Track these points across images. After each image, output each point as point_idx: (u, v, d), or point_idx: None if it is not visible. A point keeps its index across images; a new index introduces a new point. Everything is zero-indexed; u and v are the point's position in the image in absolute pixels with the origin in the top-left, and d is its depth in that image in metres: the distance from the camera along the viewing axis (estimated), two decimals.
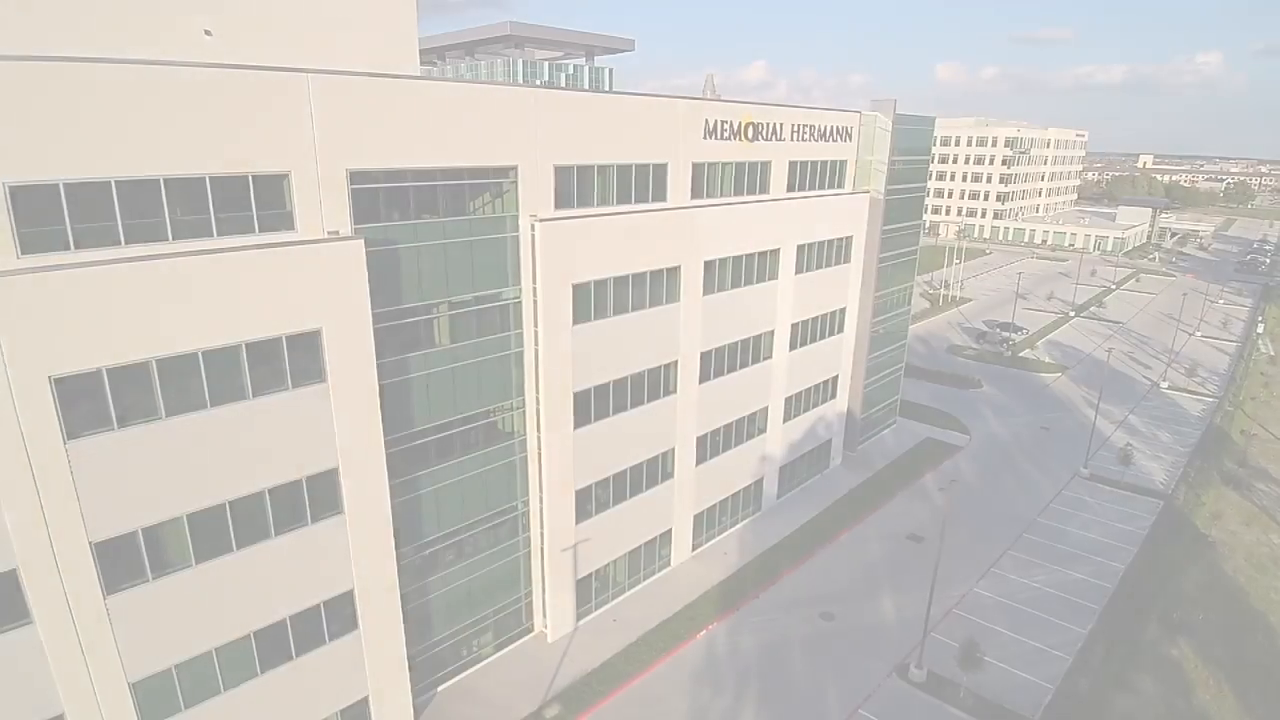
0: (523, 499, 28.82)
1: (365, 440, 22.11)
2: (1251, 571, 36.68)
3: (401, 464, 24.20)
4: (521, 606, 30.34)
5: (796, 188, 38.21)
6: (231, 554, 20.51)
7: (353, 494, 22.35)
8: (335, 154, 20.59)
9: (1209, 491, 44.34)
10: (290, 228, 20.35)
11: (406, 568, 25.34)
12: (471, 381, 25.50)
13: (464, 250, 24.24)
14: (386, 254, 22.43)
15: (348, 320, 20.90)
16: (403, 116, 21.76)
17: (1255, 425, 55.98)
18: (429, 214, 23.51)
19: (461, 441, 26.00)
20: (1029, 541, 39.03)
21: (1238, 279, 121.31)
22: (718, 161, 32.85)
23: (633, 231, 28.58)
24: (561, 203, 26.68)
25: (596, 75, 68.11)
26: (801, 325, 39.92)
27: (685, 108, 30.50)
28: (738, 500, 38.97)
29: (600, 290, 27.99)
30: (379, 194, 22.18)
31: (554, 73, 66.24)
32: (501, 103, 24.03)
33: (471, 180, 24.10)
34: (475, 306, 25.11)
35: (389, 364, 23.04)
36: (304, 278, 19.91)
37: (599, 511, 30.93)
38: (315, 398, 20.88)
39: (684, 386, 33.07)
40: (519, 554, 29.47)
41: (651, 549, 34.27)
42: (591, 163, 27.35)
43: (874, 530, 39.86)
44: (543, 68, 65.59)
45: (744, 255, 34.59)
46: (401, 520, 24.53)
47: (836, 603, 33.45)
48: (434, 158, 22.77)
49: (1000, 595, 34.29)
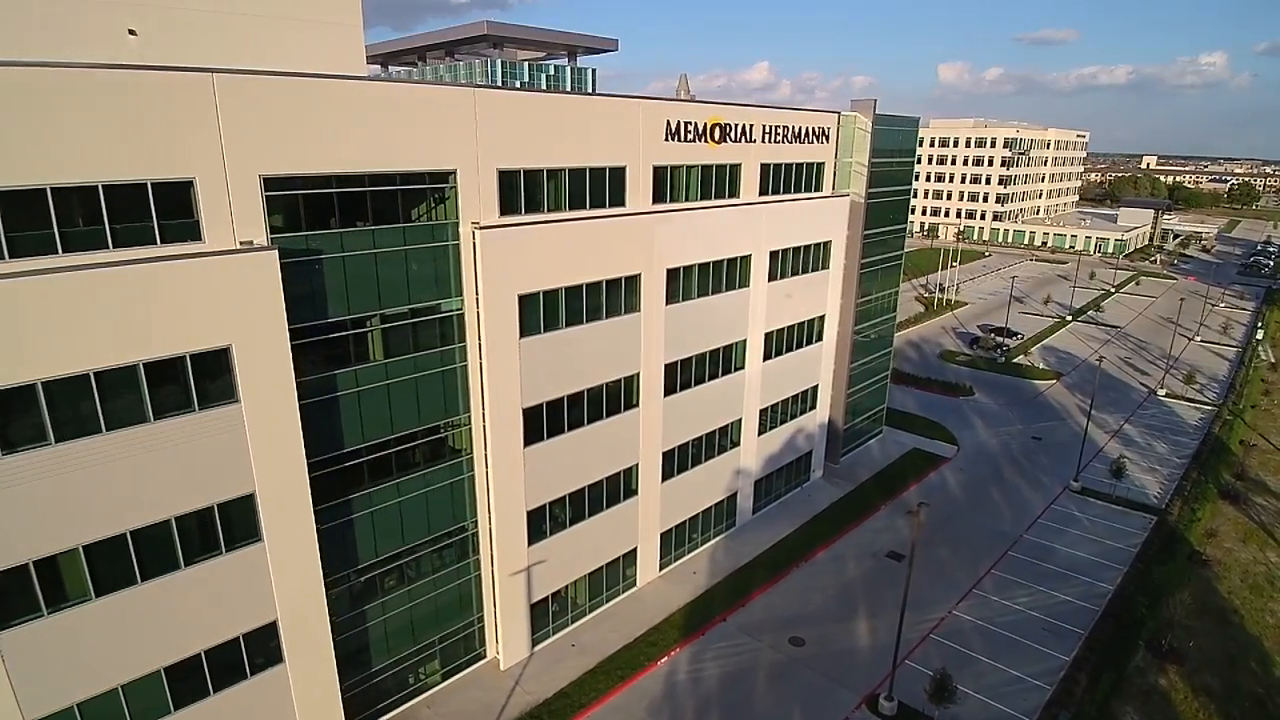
0: (472, 520, 27.37)
1: (285, 463, 20.70)
2: (1246, 593, 34.97)
3: (331, 486, 22.78)
4: (474, 631, 28.87)
5: (770, 191, 36.71)
6: (136, 586, 19.19)
7: (273, 520, 20.94)
8: (246, 159, 19.20)
9: (1205, 506, 42.59)
10: (197, 238, 18.95)
11: (340, 595, 23.94)
12: (409, 398, 24.06)
13: (397, 260, 22.82)
14: (310, 265, 21.04)
15: (261, 336, 19.49)
16: (324, 118, 20.35)
17: (1255, 435, 54.20)
18: (359, 222, 22.10)
19: (400, 461, 24.55)
20: (1013, 560, 37.39)
21: (1240, 281, 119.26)
22: (682, 165, 31.37)
23: (586, 239, 27.12)
24: (507, 209, 25.24)
25: (579, 76, 66.77)
26: (776, 334, 38.40)
27: (645, 109, 29.03)
28: (709, 516, 37.43)
29: (551, 301, 26.53)
30: (299, 201, 20.78)
31: (535, 73, 64.96)
32: (436, 103, 22.61)
33: (405, 186, 22.66)
34: (412, 319, 23.66)
35: (314, 381, 21.64)
36: (209, 292, 18.52)
37: (555, 532, 29.45)
38: (226, 419, 19.48)
39: (647, 400, 31.57)
40: (469, 577, 28.00)
41: (615, 569, 32.76)
42: (540, 166, 25.91)
43: (853, 547, 38.27)
44: (523, 68, 64.29)
45: (711, 262, 33.09)
46: (333, 545, 23.12)
47: (808, 626, 31.89)
48: (361, 162, 21.35)
49: (980, 618, 32.66)
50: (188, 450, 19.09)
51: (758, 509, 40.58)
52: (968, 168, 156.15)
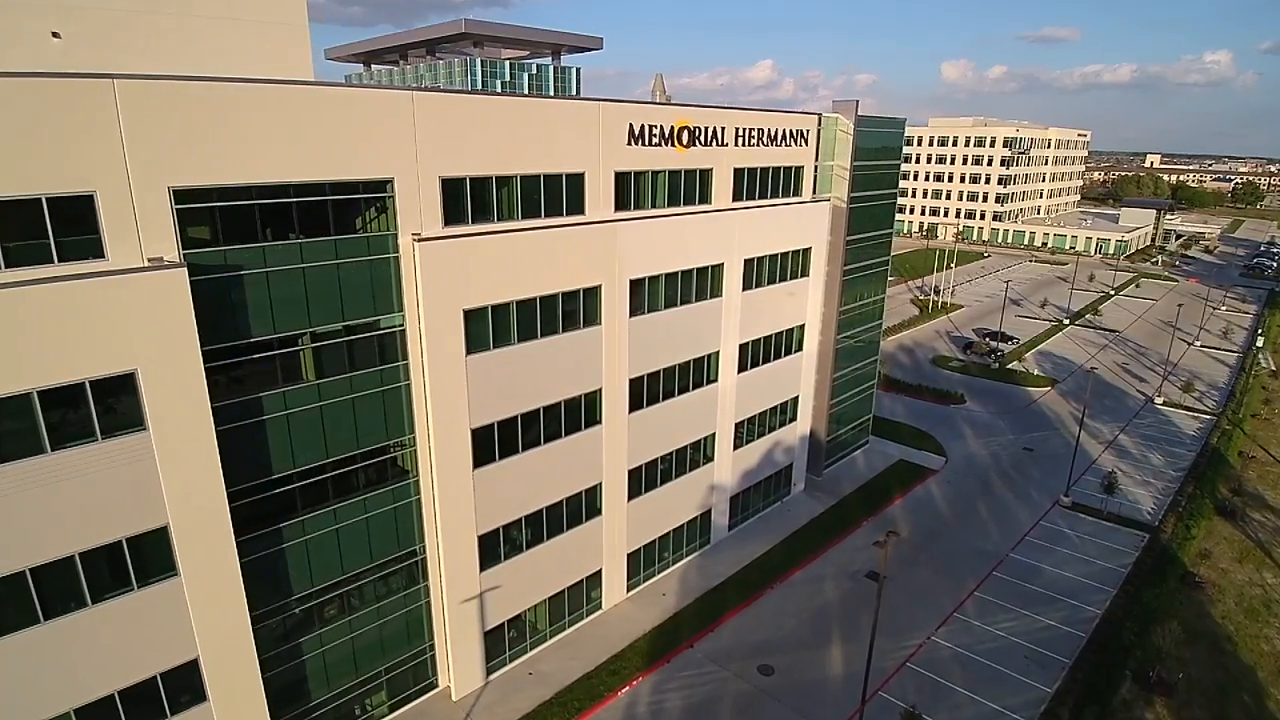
0: (421, 545, 26.05)
1: (201, 493, 19.38)
2: (1241, 618, 33.45)
3: (259, 515, 21.50)
4: (426, 660, 27.58)
5: (745, 197, 35.26)
6: (40, 625, 17.94)
7: (189, 553, 19.65)
8: (153, 170, 17.87)
9: (1200, 523, 41.03)
10: (99, 255, 17.65)
11: (272, 628, 22.66)
12: (345, 420, 22.71)
13: (329, 275, 21.45)
14: (230, 282, 19.71)
15: (170, 359, 18.16)
16: (242, 125, 19.00)
17: (1254, 446, 52.57)
18: (285, 235, 20.76)
19: (337, 487, 23.23)
20: (998, 581, 35.92)
21: (1243, 284, 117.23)
22: (647, 170, 29.95)
23: (539, 250, 25.73)
24: (453, 219, 23.86)
25: (563, 75, 65.45)
26: (752, 345, 36.95)
27: (604, 111, 27.60)
28: (681, 535, 36.04)
29: (501, 315, 25.15)
30: (216, 214, 19.46)
31: (517, 72, 63.63)
32: (369, 108, 21.23)
33: (336, 196, 21.31)
34: (347, 337, 22.32)
35: (237, 405, 20.32)
36: (111, 313, 17.20)
37: (511, 555, 28.10)
38: (133, 448, 18.17)
39: (611, 417, 30.18)
40: (420, 604, 26.68)
41: (578, 592, 31.41)
42: (489, 174, 24.52)
43: (831, 566, 36.85)
44: (504, 67, 62.98)
45: (680, 272, 31.65)
46: (262, 577, 21.83)
47: (779, 653, 30.50)
48: (286, 172, 20.00)
49: (960, 645, 31.22)
50: (92, 482, 17.81)
51: (734, 525, 39.18)
52: (967, 167, 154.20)
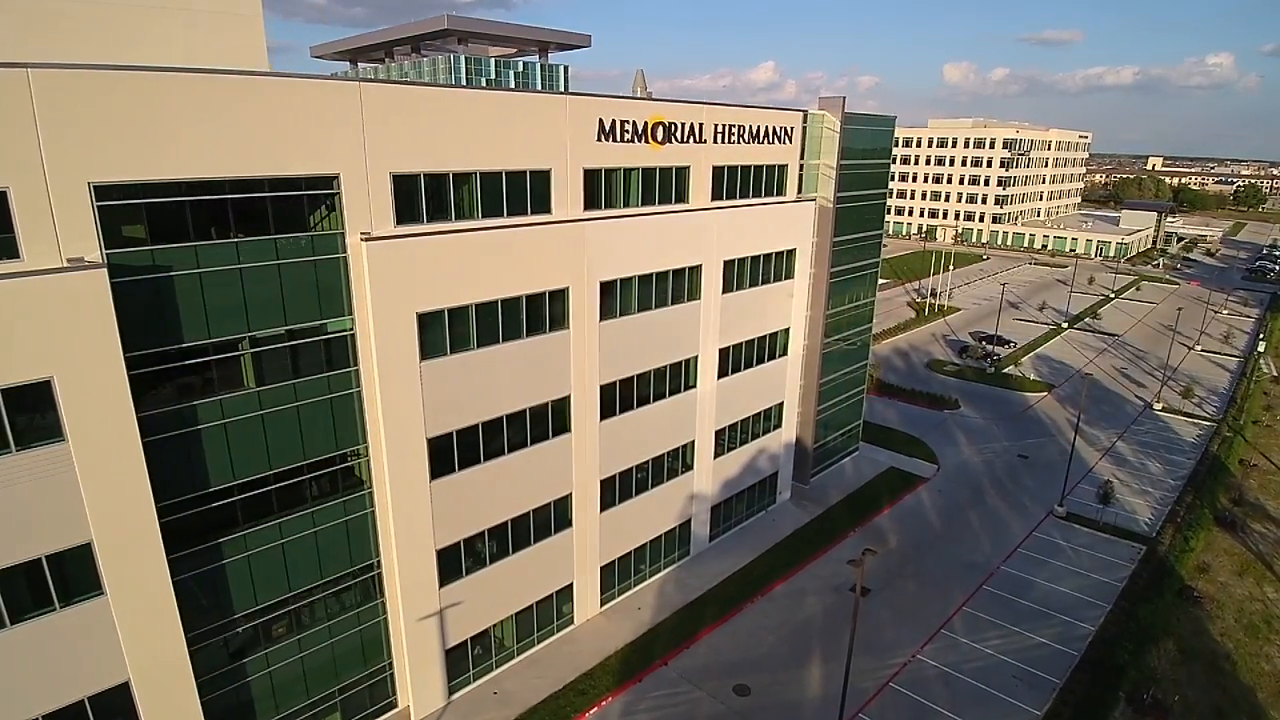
0: (378, 559, 24.85)
1: (128, 507, 18.22)
2: (1241, 635, 32.11)
3: (195, 530, 20.32)
4: (385, 679, 26.36)
5: (725, 196, 34.07)
6: None
7: (116, 571, 18.49)
8: (72, 166, 16.73)
9: (1199, 534, 39.69)
10: (13, 256, 16.51)
11: (212, 648, 21.47)
12: (289, 430, 21.53)
13: (269, 276, 20.29)
14: (159, 284, 18.55)
15: (90, 366, 17.01)
16: (170, 118, 17.84)
17: (1255, 454, 51.21)
18: (221, 233, 19.59)
19: (282, 500, 22.04)
20: (988, 595, 34.61)
21: (1244, 287, 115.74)
22: (619, 168, 28.78)
23: (500, 250, 24.54)
24: (406, 218, 22.69)
25: (550, 73, 64.36)
26: (734, 350, 35.73)
27: (572, 106, 26.44)
28: (659, 546, 34.79)
29: (458, 319, 23.96)
30: (144, 212, 18.30)
31: (502, 70, 62.55)
32: (312, 100, 20.06)
33: (277, 193, 20.14)
34: (290, 342, 21.15)
35: (169, 414, 19.16)
36: (23, 317, 16.05)
37: (475, 570, 26.90)
38: (50, 461, 17.02)
39: (581, 424, 28.98)
40: (377, 620, 25.47)
41: (548, 607, 30.18)
42: (445, 170, 23.35)
43: (815, 580, 35.57)
44: (489, 64, 61.88)
45: (655, 274, 30.46)
46: (201, 595, 20.69)
47: (756, 672, 29.23)
48: (219, 167, 18.83)
49: (947, 664, 29.93)
50: (7, 497, 16.65)
51: (715, 536, 37.92)
52: (966, 168, 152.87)
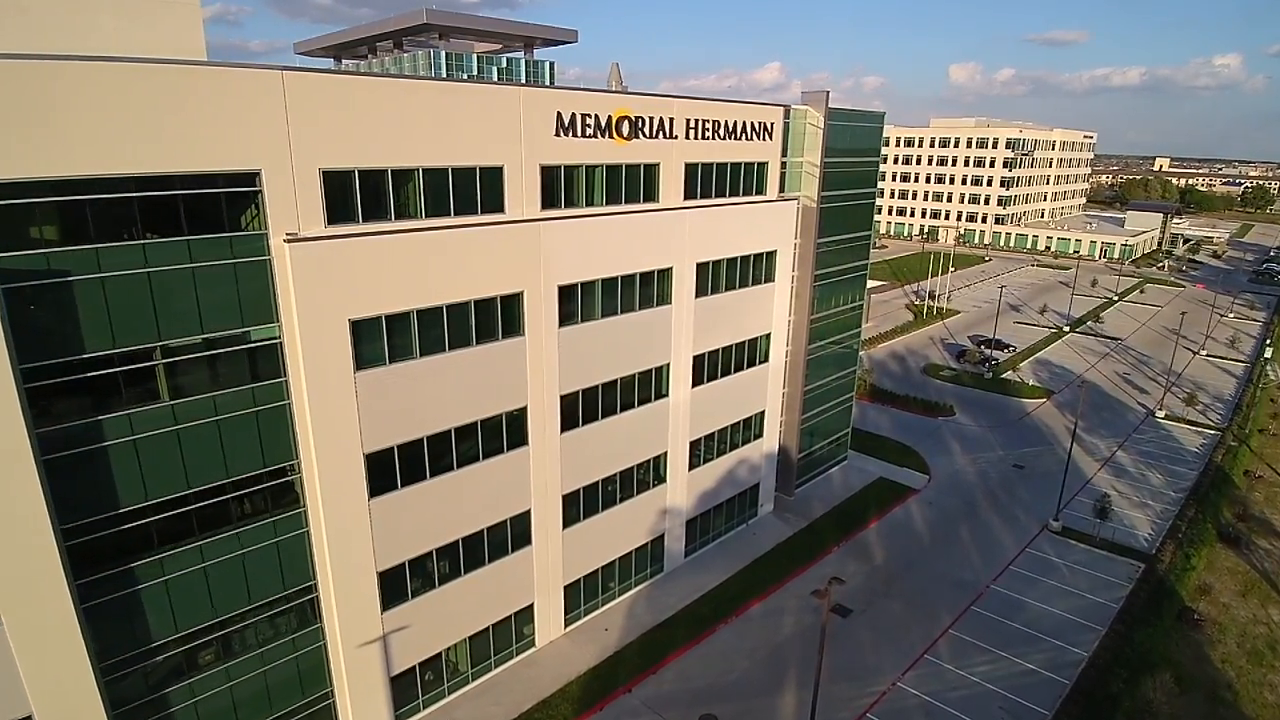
0: (316, 582, 23.23)
1: (23, 528, 16.68)
2: (1243, 661, 30.24)
3: (105, 554, 18.74)
4: (328, 707, 24.71)
5: (700, 194, 32.36)
6: None
7: (13, 598, 17.00)
8: None
9: (1201, 551, 37.80)
10: None
11: (129, 679, 19.90)
12: (210, 446, 19.92)
13: (182, 281, 18.67)
14: (54, 290, 16.95)
15: None
16: (62, 110, 16.22)
17: (1261, 464, 49.22)
18: (126, 235, 17.99)
19: (203, 520, 20.44)
20: (976, 617, 32.81)
21: (1251, 290, 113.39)
22: (580, 164, 27.10)
23: (445, 252, 22.90)
24: (339, 217, 21.06)
25: (535, 69, 62.72)
26: (709, 356, 34.03)
27: (526, 98, 24.78)
28: (630, 563, 33.11)
29: (398, 326, 22.33)
30: (36, 212, 16.71)
31: (485, 65, 60.94)
32: (228, 89, 18.44)
33: (189, 191, 18.53)
34: (208, 352, 19.54)
35: (69, 430, 17.57)
36: None
37: (423, 591, 25.28)
38: None
39: (539, 436, 27.32)
40: (317, 645, 23.85)
41: (506, 630, 28.54)
42: (383, 166, 21.71)
43: (794, 598, 33.80)
44: (471, 60, 60.29)
45: (620, 277, 28.78)
46: (112, 623, 19.14)
47: (726, 700, 27.51)
48: (120, 163, 17.22)
49: (929, 693, 28.16)
50: None
51: (691, 552, 36.21)
52: (969, 169, 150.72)
